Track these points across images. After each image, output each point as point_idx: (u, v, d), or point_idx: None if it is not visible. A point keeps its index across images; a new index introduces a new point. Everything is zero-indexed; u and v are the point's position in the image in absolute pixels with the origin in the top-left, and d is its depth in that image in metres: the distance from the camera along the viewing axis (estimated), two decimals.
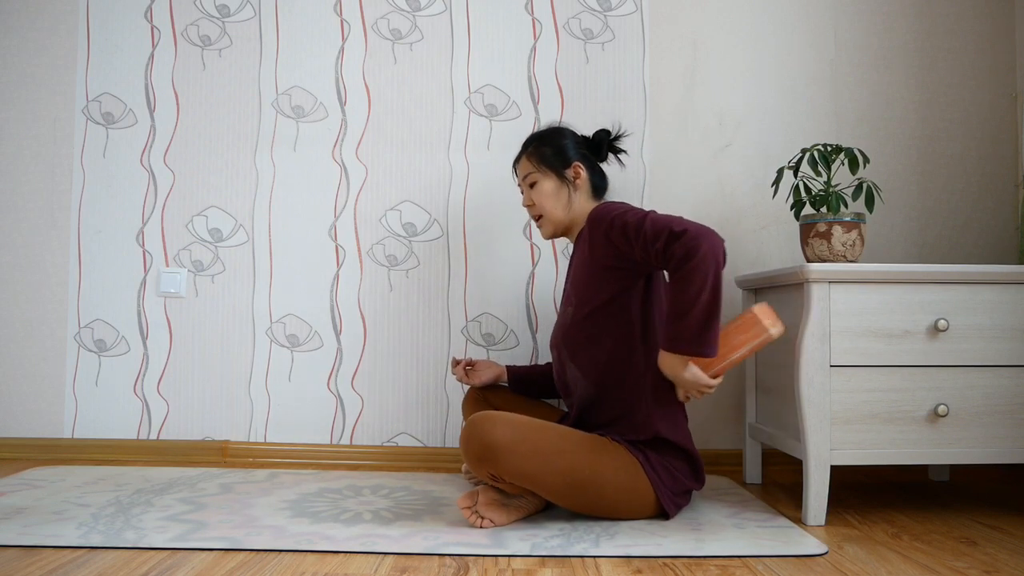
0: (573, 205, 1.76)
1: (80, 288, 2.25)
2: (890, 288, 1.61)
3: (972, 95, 2.24)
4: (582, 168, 1.77)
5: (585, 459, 1.51)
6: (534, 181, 1.77)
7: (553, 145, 1.77)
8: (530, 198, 1.78)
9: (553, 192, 1.75)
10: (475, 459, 1.46)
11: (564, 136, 1.79)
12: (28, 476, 1.93)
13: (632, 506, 1.56)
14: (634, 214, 1.56)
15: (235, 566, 1.28)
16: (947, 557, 1.38)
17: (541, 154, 1.77)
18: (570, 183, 1.76)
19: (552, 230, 1.79)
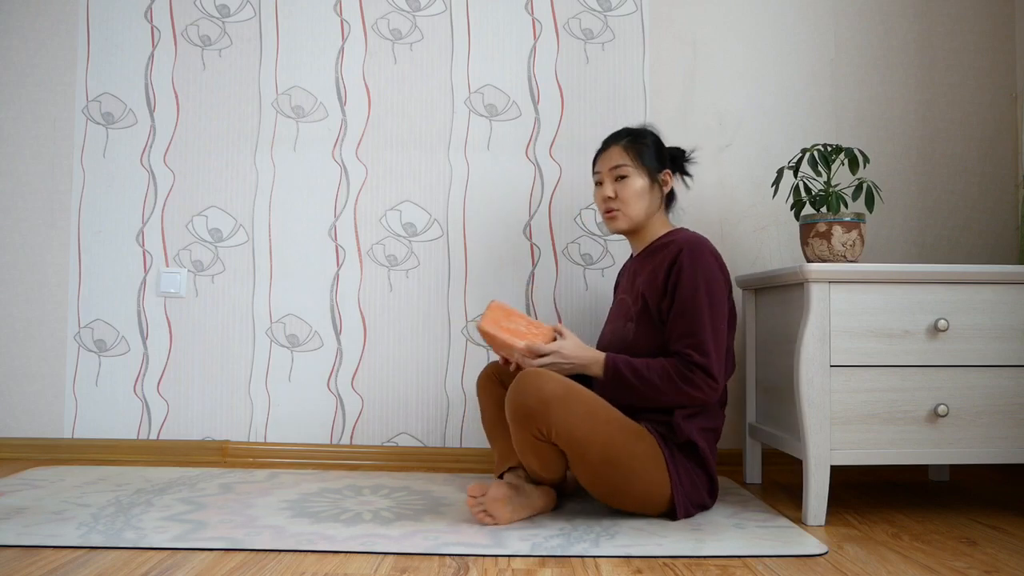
0: (652, 209, 1.73)
1: (80, 288, 2.25)
2: (890, 288, 1.61)
3: (972, 95, 2.24)
4: (670, 176, 1.77)
5: (624, 437, 1.52)
6: (625, 175, 1.71)
7: (652, 145, 1.74)
8: (615, 190, 1.72)
9: (642, 191, 1.71)
10: (526, 413, 1.46)
11: (657, 139, 1.77)
12: (28, 476, 1.93)
13: (649, 498, 1.55)
14: (707, 294, 1.57)
15: (235, 566, 1.28)
16: (947, 557, 1.38)
17: (639, 149, 1.72)
18: (660, 186, 1.74)
19: (626, 226, 1.73)
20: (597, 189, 1.76)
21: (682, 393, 1.54)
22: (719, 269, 1.62)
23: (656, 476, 1.54)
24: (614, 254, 2.21)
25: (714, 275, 1.60)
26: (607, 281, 2.21)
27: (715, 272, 1.60)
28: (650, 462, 1.53)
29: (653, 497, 1.55)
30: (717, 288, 1.59)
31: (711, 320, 1.56)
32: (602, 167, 1.75)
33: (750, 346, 2.00)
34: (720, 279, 1.61)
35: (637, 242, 1.78)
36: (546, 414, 1.45)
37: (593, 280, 2.21)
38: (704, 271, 1.59)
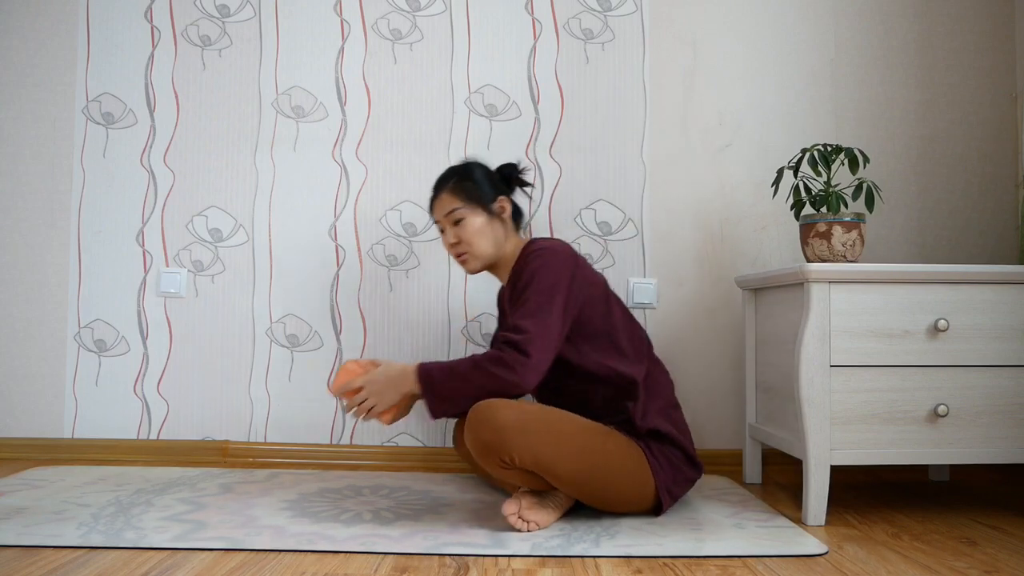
0: (499, 240, 1.72)
1: (80, 288, 2.25)
2: (890, 288, 1.61)
3: (972, 95, 2.24)
4: (507, 202, 1.74)
5: (595, 442, 1.51)
6: (460, 218, 1.69)
7: (476, 180, 1.72)
8: (456, 235, 1.71)
9: (482, 228, 1.70)
10: (484, 446, 1.44)
11: (485, 169, 1.76)
12: (28, 476, 1.93)
13: (634, 497, 1.56)
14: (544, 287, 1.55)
15: (235, 566, 1.28)
16: (947, 557, 1.38)
17: (466, 190, 1.71)
18: (499, 217, 1.72)
19: (480, 266, 1.73)
20: (441, 237, 1.76)
21: (493, 377, 1.49)
22: (558, 255, 1.59)
23: (637, 473, 1.54)
24: (614, 254, 2.21)
25: (548, 263, 1.58)
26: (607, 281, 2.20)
27: (551, 261, 1.58)
28: (630, 460, 1.54)
29: (638, 494, 1.56)
30: (549, 273, 1.57)
31: (538, 301, 1.54)
32: (438, 215, 1.74)
33: (750, 346, 2.00)
34: (556, 264, 1.58)
35: (501, 273, 1.78)
36: (504, 444, 1.43)
37: None
38: (539, 263, 1.58)
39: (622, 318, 1.68)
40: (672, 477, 1.60)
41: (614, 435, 1.55)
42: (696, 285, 2.21)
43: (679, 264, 2.21)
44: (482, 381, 1.50)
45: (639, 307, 2.20)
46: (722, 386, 2.20)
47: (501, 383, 1.50)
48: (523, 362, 1.50)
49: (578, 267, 1.62)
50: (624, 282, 2.21)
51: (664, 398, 1.66)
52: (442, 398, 1.52)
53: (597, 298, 1.65)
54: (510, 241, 1.75)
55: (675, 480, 1.60)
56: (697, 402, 2.20)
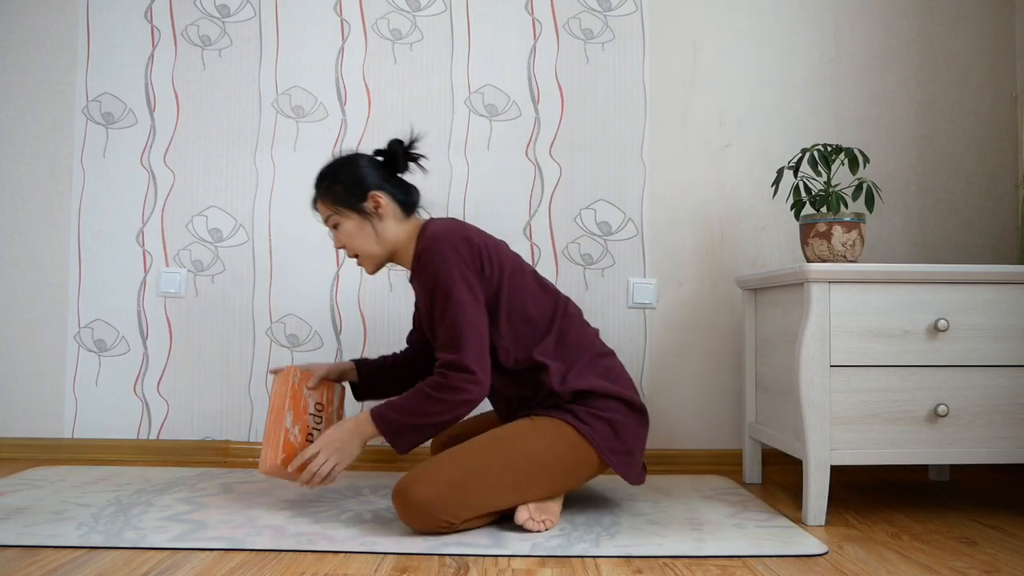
0: (384, 236, 1.65)
1: (80, 288, 2.25)
2: (890, 288, 1.61)
3: (972, 95, 2.24)
4: (381, 196, 1.64)
5: (513, 449, 1.50)
6: (336, 223, 1.65)
7: (343, 181, 1.65)
8: (339, 239, 1.67)
9: (357, 230, 1.64)
10: (418, 523, 1.44)
11: (355, 165, 1.67)
12: (28, 476, 1.93)
13: (583, 469, 1.55)
14: (443, 293, 1.51)
15: (235, 566, 1.28)
16: (947, 557, 1.38)
17: (334, 194, 1.65)
18: (372, 216, 1.64)
19: (373, 266, 1.69)
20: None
21: (445, 403, 1.48)
22: (451, 249, 1.54)
23: (572, 445, 1.52)
24: (614, 254, 2.21)
25: (442, 265, 1.52)
26: (607, 281, 2.21)
27: (444, 260, 1.53)
28: (557, 442, 1.51)
29: (586, 465, 1.55)
30: (448, 278, 1.52)
31: (452, 311, 1.51)
32: (321, 221, 1.71)
33: (750, 346, 2.00)
34: (451, 263, 1.53)
35: (403, 261, 1.71)
36: (432, 514, 1.42)
37: (593, 280, 2.21)
38: (431, 269, 1.53)
39: (527, 284, 1.62)
40: (613, 435, 1.55)
41: (530, 428, 1.53)
42: (696, 285, 2.21)
43: (679, 264, 2.21)
44: (437, 409, 1.49)
45: (639, 307, 2.20)
46: (722, 386, 2.20)
47: (454, 405, 1.49)
48: (466, 378, 1.48)
49: (471, 253, 1.56)
50: (624, 282, 2.21)
51: (585, 354, 1.61)
52: (405, 436, 1.51)
53: (496, 277, 1.59)
54: (402, 229, 1.67)
55: (618, 437, 1.56)
56: (697, 402, 2.20)
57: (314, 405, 1.71)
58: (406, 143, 1.71)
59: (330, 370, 1.79)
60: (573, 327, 1.65)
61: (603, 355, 1.65)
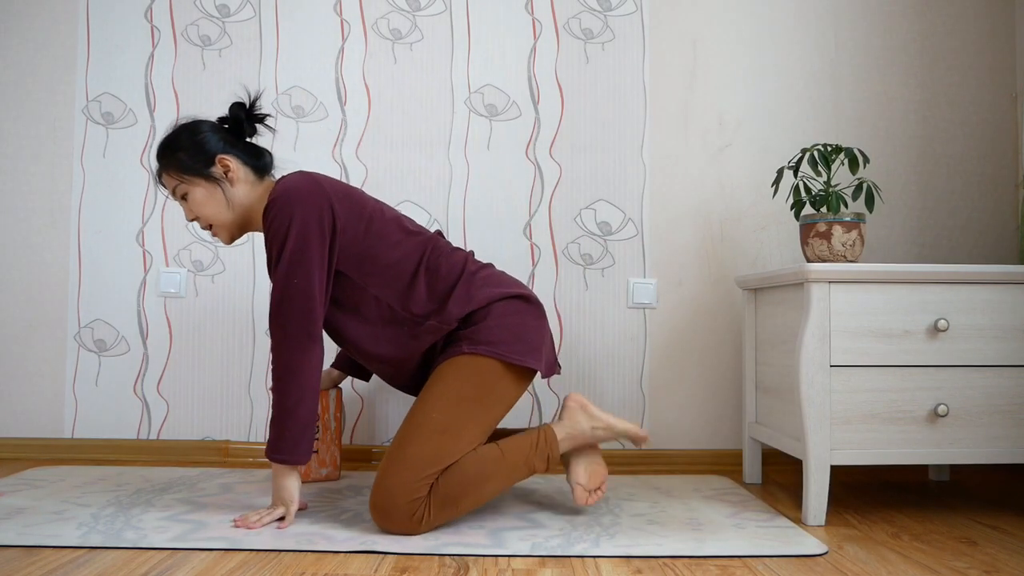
0: (235, 200, 1.61)
1: (80, 288, 2.25)
2: (890, 288, 1.61)
3: (972, 95, 2.24)
4: (230, 159, 1.60)
5: (428, 409, 1.50)
6: (184, 193, 1.60)
7: (186, 148, 1.59)
8: (189, 210, 1.61)
9: (206, 198, 1.59)
10: (390, 522, 1.44)
11: (197, 131, 1.61)
12: (28, 476, 1.93)
13: (502, 384, 1.54)
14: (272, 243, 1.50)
15: (235, 566, 1.28)
16: (947, 557, 1.38)
17: (178, 162, 1.59)
18: (221, 180, 1.60)
19: (228, 235, 1.64)
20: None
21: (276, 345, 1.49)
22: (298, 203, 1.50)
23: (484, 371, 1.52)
24: (614, 254, 2.21)
25: (282, 219, 1.49)
26: (607, 281, 2.21)
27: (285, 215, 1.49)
28: (468, 380, 1.51)
29: (509, 382, 1.54)
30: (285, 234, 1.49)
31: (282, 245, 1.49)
32: (168, 193, 1.67)
33: (750, 346, 2.00)
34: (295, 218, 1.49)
35: (257, 228, 1.68)
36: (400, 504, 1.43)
37: (593, 280, 2.21)
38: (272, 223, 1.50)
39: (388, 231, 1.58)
40: (509, 337, 1.54)
41: (436, 380, 1.53)
42: (696, 285, 2.21)
43: (679, 264, 2.21)
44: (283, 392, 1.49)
45: (639, 307, 2.20)
46: (722, 386, 2.20)
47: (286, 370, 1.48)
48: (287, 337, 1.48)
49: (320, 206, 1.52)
50: (624, 282, 2.21)
51: (459, 279, 1.58)
52: (285, 441, 1.50)
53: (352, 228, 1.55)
54: (255, 192, 1.63)
55: (516, 337, 1.55)
56: (697, 402, 2.20)
57: None
58: (247, 105, 1.66)
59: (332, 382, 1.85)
60: (443, 259, 1.60)
61: (477, 271, 1.61)
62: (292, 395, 1.49)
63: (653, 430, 2.18)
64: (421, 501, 1.44)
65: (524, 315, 1.59)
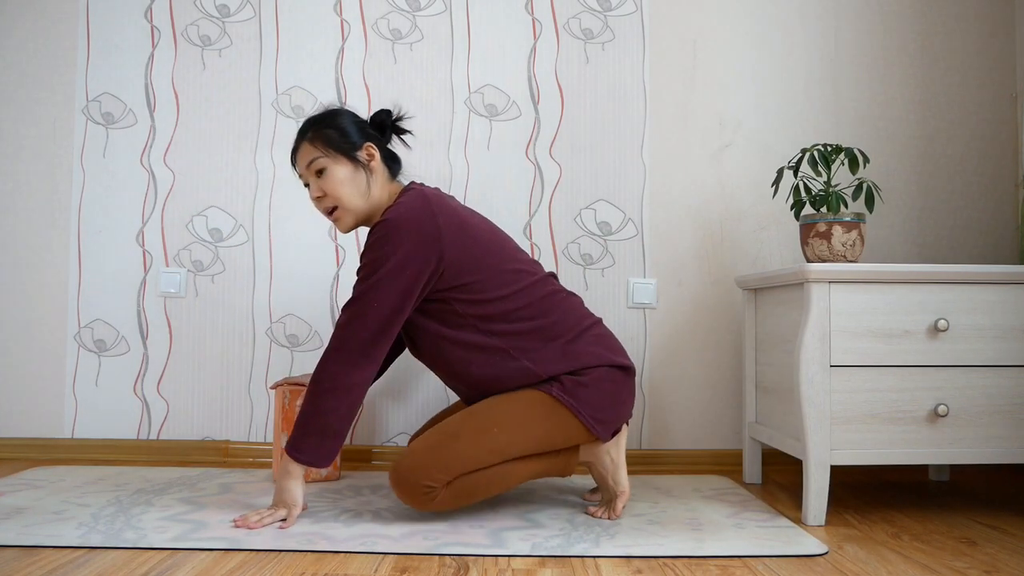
0: (372, 191, 1.60)
1: (80, 288, 2.25)
2: (890, 288, 1.61)
3: (972, 95, 2.24)
4: (375, 149, 1.62)
5: (487, 412, 1.52)
6: (322, 168, 1.57)
7: (338, 127, 1.60)
8: (320, 188, 1.58)
9: (348, 178, 1.57)
10: (402, 491, 1.49)
11: (349, 115, 1.64)
12: (28, 476, 1.93)
13: (562, 430, 1.55)
14: (373, 261, 1.49)
15: (235, 566, 1.28)
16: (947, 557, 1.38)
17: (327, 137, 1.58)
18: (365, 167, 1.60)
19: (353, 222, 1.61)
20: (309, 191, 1.64)
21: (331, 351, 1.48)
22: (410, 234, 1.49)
23: (560, 415, 1.54)
24: (614, 254, 2.21)
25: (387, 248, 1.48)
26: (607, 281, 2.21)
27: (393, 243, 1.48)
28: (543, 409, 1.53)
29: (562, 434, 1.56)
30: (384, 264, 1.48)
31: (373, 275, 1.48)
32: (300, 168, 1.62)
33: (750, 346, 2.00)
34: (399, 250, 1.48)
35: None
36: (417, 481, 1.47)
37: (593, 280, 2.21)
38: (378, 252, 1.49)
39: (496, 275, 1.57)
40: (601, 403, 1.56)
41: (505, 396, 1.55)
42: (696, 285, 2.21)
43: (679, 264, 2.22)
44: (320, 403, 1.48)
45: (639, 307, 2.20)
46: (722, 386, 2.20)
47: (331, 378, 1.48)
48: (337, 352, 1.49)
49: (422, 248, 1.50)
50: (624, 282, 2.21)
51: (571, 331, 1.59)
52: (309, 446, 1.50)
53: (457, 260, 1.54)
54: (385, 191, 1.63)
55: (606, 405, 1.57)
56: (697, 402, 2.20)
57: None
58: (394, 115, 1.69)
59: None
60: (556, 305, 1.61)
61: (591, 326, 1.63)
62: (329, 402, 1.49)
63: (653, 430, 2.19)
64: (438, 489, 1.49)
65: (621, 387, 1.61)
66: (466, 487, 1.51)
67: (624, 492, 1.62)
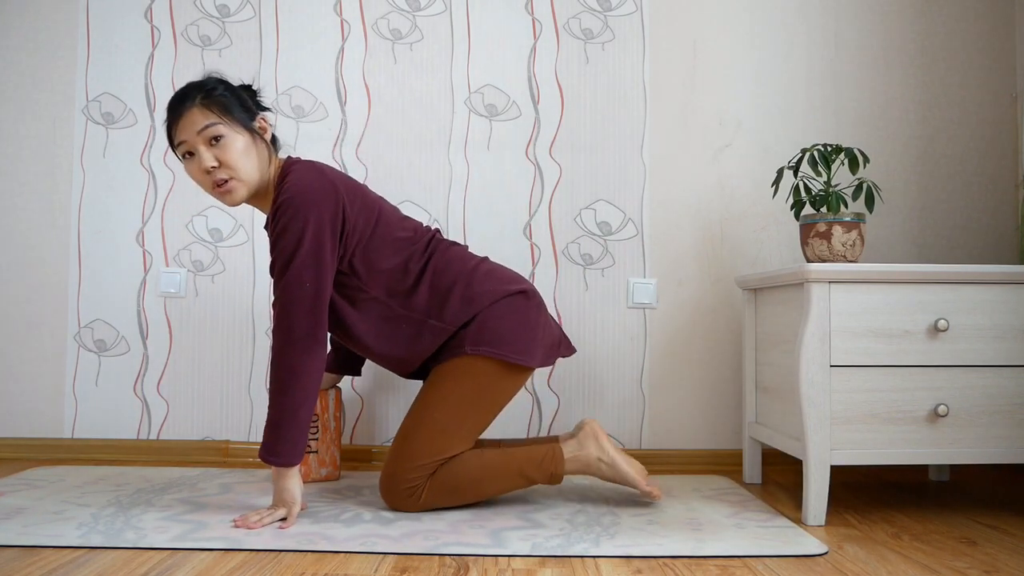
0: (263, 163, 1.56)
1: (80, 288, 2.25)
2: (890, 288, 1.61)
3: (972, 95, 2.24)
4: (267, 122, 1.59)
5: (430, 403, 1.58)
6: (219, 135, 1.48)
7: (234, 93, 1.54)
8: (216, 157, 1.48)
9: (246, 149, 1.51)
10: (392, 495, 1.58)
11: (235, 86, 1.58)
12: (28, 476, 1.93)
13: (501, 381, 1.59)
14: (284, 243, 1.48)
15: (235, 566, 1.28)
16: (947, 557, 1.38)
17: (223, 104, 1.50)
18: (261, 137, 1.56)
19: (245, 194, 1.54)
20: (188, 163, 1.52)
21: (280, 347, 1.48)
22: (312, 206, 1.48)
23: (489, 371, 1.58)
24: (614, 254, 2.21)
25: (294, 224, 1.47)
26: (607, 281, 2.21)
27: (298, 219, 1.47)
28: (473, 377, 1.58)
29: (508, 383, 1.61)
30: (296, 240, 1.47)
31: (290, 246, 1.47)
32: (186, 135, 1.49)
33: (750, 346, 2.00)
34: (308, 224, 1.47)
35: (263, 203, 1.62)
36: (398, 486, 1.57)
37: (593, 280, 2.21)
38: (283, 224, 1.47)
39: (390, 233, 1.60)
40: (512, 335, 1.58)
41: (433, 383, 1.60)
42: (696, 285, 2.21)
43: (679, 264, 2.21)
44: (279, 359, 1.49)
45: (639, 307, 2.20)
46: (722, 386, 2.20)
47: (289, 372, 1.48)
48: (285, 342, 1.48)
49: (333, 211, 1.51)
50: (624, 282, 2.21)
51: (461, 278, 1.60)
52: (280, 443, 1.50)
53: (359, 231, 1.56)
54: (270, 165, 1.59)
55: (517, 334, 1.59)
56: (697, 402, 2.20)
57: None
58: (253, 88, 1.66)
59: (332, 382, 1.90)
60: (443, 258, 1.63)
61: (475, 267, 1.64)
62: (296, 397, 1.50)
63: (653, 430, 2.19)
64: (419, 487, 1.57)
65: (524, 312, 1.63)
66: (447, 480, 1.56)
67: (637, 480, 1.66)
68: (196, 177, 1.53)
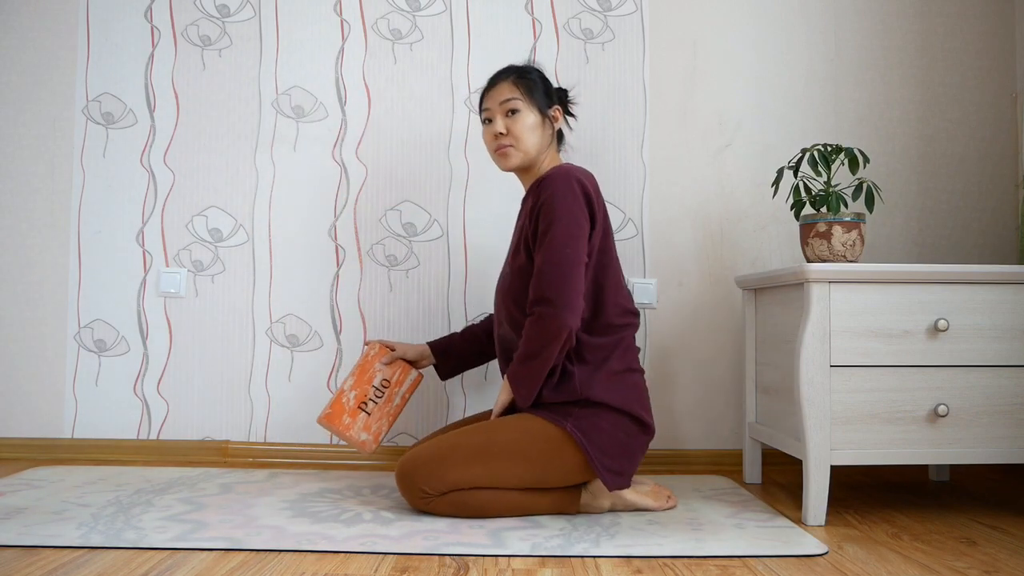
0: (544, 146, 1.73)
1: (80, 288, 2.25)
2: (890, 288, 1.61)
3: (972, 95, 2.24)
4: (561, 113, 1.77)
5: (493, 434, 1.57)
6: (516, 108, 1.68)
7: (543, 80, 1.75)
8: (507, 126, 1.69)
9: (534, 126, 1.70)
10: (405, 488, 1.58)
11: (544, 76, 1.77)
12: (28, 476, 1.93)
13: (563, 465, 1.57)
14: (558, 223, 1.56)
15: (235, 566, 1.28)
16: (947, 557, 1.38)
17: (528, 85, 1.71)
18: (550, 124, 1.74)
19: (518, 162, 1.71)
20: (486, 128, 1.73)
21: (539, 338, 1.55)
22: (577, 195, 1.59)
23: (566, 451, 1.56)
24: None
25: (566, 208, 1.57)
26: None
27: (568, 203, 1.57)
28: (547, 443, 1.56)
29: (563, 468, 1.58)
30: (567, 223, 1.57)
31: (561, 254, 1.56)
32: (491, 103, 1.72)
33: (750, 346, 2.00)
34: (573, 209, 1.58)
35: (528, 179, 1.77)
36: (415, 484, 1.55)
37: None
38: (557, 205, 1.57)
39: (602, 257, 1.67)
40: (611, 450, 1.58)
41: (517, 420, 1.59)
42: (696, 285, 2.21)
43: (679, 264, 2.21)
44: (536, 344, 1.55)
45: (639, 307, 2.20)
46: (722, 386, 2.20)
47: (547, 337, 1.54)
48: (553, 315, 1.54)
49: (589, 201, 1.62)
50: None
51: (619, 360, 1.64)
52: (523, 384, 1.59)
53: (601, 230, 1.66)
54: (548, 153, 1.75)
55: (616, 454, 1.58)
56: (697, 402, 2.20)
57: (381, 380, 1.83)
58: (568, 94, 1.82)
59: (407, 350, 1.88)
60: (626, 335, 1.68)
61: (637, 371, 1.68)
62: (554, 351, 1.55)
63: None
64: (434, 496, 1.56)
65: (635, 441, 1.62)
66: (462, 501, 1.56)
67: (651, 506, 1.67)
68: (486, 139, 1.74)
